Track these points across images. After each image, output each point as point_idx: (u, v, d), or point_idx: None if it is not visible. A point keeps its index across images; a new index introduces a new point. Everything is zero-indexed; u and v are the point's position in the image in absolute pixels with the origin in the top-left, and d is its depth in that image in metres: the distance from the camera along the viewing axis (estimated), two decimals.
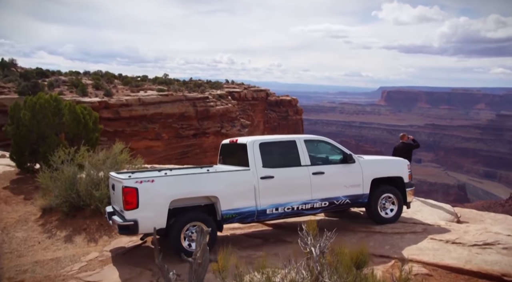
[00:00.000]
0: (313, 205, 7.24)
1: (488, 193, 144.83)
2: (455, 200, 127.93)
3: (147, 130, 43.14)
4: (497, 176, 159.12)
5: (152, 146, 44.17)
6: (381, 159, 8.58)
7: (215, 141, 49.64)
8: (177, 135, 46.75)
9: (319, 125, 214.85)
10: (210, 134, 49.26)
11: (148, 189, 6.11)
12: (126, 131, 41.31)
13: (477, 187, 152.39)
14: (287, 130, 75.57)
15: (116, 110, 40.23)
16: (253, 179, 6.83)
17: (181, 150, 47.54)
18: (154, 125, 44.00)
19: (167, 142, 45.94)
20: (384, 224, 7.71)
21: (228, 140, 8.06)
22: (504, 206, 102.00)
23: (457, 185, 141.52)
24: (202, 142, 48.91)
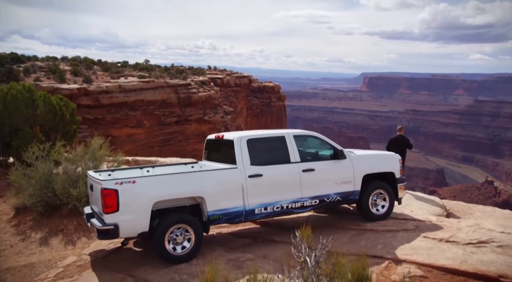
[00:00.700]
0: (303, 204, 6.97)
1: (466, 176, 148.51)
2: (434, 184, 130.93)
3: (128, 117, 42.23)
4: (474, 160, 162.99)
5: (133, 134, 43.34)
6: (373, 154, 8.30)
7: (198, 128, 49.10)
8: (159, 122, 45.95)
9: (302, 111, 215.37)
10: (192, 121, 48.60)
11: (129, 190, 5.72)
12: (107, 118, 40.35)
13: (455, 171, 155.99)
14: (270, 117, 75.31)
15: (96, 98, 39.19)
16: (241, 177, 6.50)
17: (163, 137, 46.81)
18: (136, 113, 43.09)
19: (149, 129, 45.13)
20: (375, 221, 7.50)
21: (214, 135, 7.62)
22: (480, 189, 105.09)
23: (436, 169, 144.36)
24: (184, 129, 48.24)
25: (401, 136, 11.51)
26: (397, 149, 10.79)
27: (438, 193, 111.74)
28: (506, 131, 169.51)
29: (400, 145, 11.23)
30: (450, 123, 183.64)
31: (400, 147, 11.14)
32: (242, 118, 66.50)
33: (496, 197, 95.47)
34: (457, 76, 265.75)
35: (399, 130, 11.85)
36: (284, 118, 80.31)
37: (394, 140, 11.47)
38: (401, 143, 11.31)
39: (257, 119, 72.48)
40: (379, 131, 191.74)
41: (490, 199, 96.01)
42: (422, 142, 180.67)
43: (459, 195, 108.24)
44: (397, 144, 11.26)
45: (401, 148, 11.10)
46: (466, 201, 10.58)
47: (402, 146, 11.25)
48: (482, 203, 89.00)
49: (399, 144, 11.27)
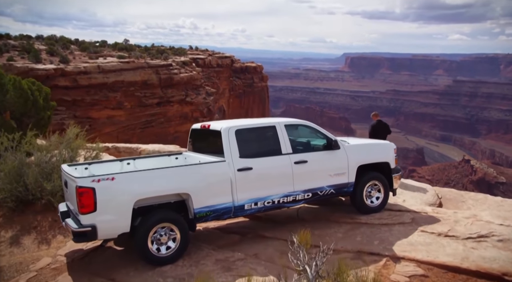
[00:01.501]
0: (296, 197, 6.60)
1: (444, 155, 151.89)
2: (413, 163, 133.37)
3: (108, 99, 41.05)
4: (452, 139, 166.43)
5: (114, 115, 42.25)
6: (367, 144, 7.93)
7: (180, 110, 48.19)
8: (140, 104, 44.88)
9: (284, 92, 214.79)
10: (174, 103, 47.65)
11: (107, 188, 5.24)
12: (86, 100, 39.11)
13: (434, 150, 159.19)
14: (253, 97, 74.59)
15: (74, 78, 37.86)
16: (229, 171, 6.07)
17: (145, 119, 45.83)
18: (116, 94, 41.92)
19: (130, 111, 44.07)
20: (370, 213, 7.20)
21: (199, 125, 7.12)
22: (457, 168, 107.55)
23: (415, 149, 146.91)
24: (166, 111, 47.30)
25: (381, 123, 11.31)
26: (380, 136, 10.72)
27: (418, 171, 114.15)
28: (483, 111, 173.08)
29: (381, 132, 11.06)
30: (429, 104, 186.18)
31: (381, 134, 10.97)
32: (225, 99, 65.65)
33: (472, 175, 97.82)
34: (437, 57, 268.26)
35: (374, 116, 11.55)
36: (267, 99, 79.74)
37: (376, 127, 11.22)
38: (382, 130, 11.14)
39: (239, 100, 71.72)
40: (360, 111, 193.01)
41: (466, 177, 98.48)
42: (403, 122, 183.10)
43: (437, 174, 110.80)
44: (379, 131, 11.07)
45: (382, 135, 10.94)
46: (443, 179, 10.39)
47: (383, 132, 11.10)
48: (459, 181, 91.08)
49: (381, 130, 11.08)
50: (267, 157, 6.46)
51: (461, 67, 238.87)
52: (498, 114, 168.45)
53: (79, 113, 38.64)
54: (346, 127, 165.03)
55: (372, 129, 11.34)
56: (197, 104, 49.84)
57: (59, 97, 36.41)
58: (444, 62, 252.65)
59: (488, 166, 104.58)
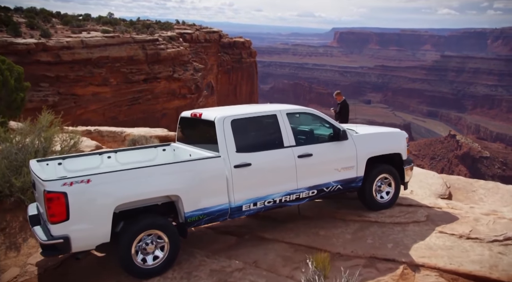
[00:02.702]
0: (299, 195, 5.93)
1: (430, 131, 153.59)
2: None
3: (93, 75, 39.66)
4: (438, 115, 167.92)
5: (99, 92, 40.91)
6: (378, 133, 7.15)
7: (167, 86, 46.92)
8: (126, 80, 43.51)
9: (273, 67, 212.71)
10: (161, 79, 46.36)
11: (82, 192, 4.49)
12: (70, 76, 37.68)
13: (421, 126, 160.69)
14: (241, 73, 73.29)
15: (57, 54, 36.32)
16: (225, 168, 5.36)
17: (131, 95, 44.55)
18: (101, 70, 40.51)
19: (116, 88, 42.74)
20: (379, 210, 6.59)
21: (190, 113, 6.33)
22: (443, 143, 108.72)
23: (403, 124, 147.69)
24: (153, 87, 46.03)
25: (346, 103, 10.82)
26: (343, 117, 10.39)
27: None
28: (469, 86, 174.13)
29: (344, 112, 10.53)
30: (417, 79, 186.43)
31: (345, 115, 10.61)
32: (213, 75, 64.28)
33: (458, 149, 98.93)
34: (425, 32, 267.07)
35: (338, 96, 10.96)
36: (255, 74, 78.52)
37: (344, 107, 10.61)
38: (346, 110, 10.61)
39: (228, 76, 70.44)
40: (349, 87, 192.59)
41: (452, 152, 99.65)
42: (390, 97, 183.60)
43: (424, 149, 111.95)
44: (345, 111, 10.52)
45: (345, 116, 10.57)
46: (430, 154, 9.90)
47: (346, 113, 10.57)
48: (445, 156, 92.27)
49: (344, 110, 10.51)
50: (267, 150, 5.75)
51: (449, 42, 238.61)
52: (484, 89, 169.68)
53: (63, 90, 37.33)
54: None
55: (341, 109, 10.65)
56: (185, 80, 48.61)
57: (42, 73, 35.07)
58: (432, 37, 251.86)
59: (473, 140, 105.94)
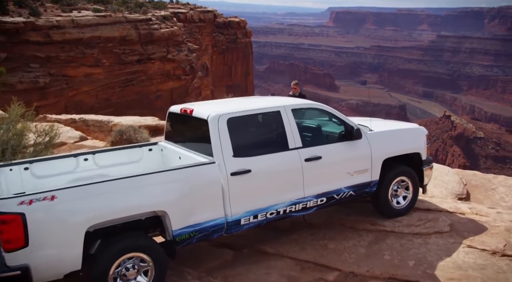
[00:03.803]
0: (306, 204, 5.28)
1: (425, 111, 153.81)
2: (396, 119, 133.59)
3: (85, 56, 39.00)
4: (434, 95, 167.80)
5: (92, 73, 40.28)
6: (395, 130, 6.34)
7: (162, 67, 46.25)
8: (119, 61, 42.81)
9: (268, 48, 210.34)
10: (155, 60, 45.65)
11: (45, 212, 3.77)
12: (61, 57, 37.02)
13: (416, 107, 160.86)
14: (236, 54, 72.33)
15: (47, 33, 35.60)
16: (220, 176, 4.65)
17: (125, 77, 43.93)
18: (93, 51, 39.81)
19: (109, 69, 42.07)
20: (395, 217, 6.00)
21: (179, 108, 5.52)
22: (438, 124, 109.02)
23: (398, 105, 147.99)
24: (147, 68, 45.35)
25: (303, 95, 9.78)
26: None
27: None
28: (465, 67, 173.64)
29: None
30: (413, 60, 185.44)
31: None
32: (208, 56, 63.36)
33: (452, 130, 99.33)
34: (422, 11, 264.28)
35: (295, 87, 9.96)
36: (251, 55, 77.60)
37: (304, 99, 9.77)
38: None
39: (223, 57, 69.56)
40: (344, 68, 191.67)
41: (446, 133, 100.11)
42: (386, 78, 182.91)
43: None
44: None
45: None
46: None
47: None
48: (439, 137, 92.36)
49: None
50: (269, 154, 5.04)
51: (446, 22, 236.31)
52: (479, 70, 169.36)
53: (54, 71, 36.72)
54: (330, 84, 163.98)
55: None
56: (179, 61, 47.88)
57: (32, 53, 34.46)
58: (429, 17, 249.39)
59: (468, 121, 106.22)
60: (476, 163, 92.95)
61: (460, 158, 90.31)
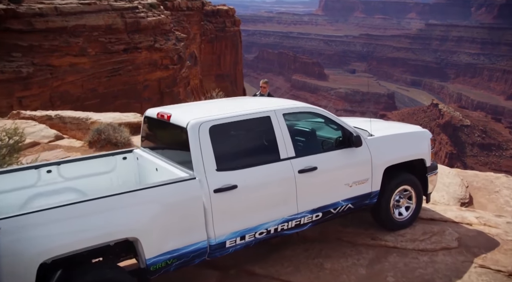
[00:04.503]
0: (300, 221, 4.78)
1: (413, 100, 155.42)
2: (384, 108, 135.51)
3: (69, 45, 37.99)
4: (422, 83, 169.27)
5: (77, 63, 39.31)
6: (397, 135, 5.79)
7: (149, 57, 45.36)
8: (105, 50, 41.82)
9: (257, 36, 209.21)
10: (142, 49, 44.73)
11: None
12: (44, 46, 36.02)
13: (404, 95, 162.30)
14: (225, 43, 71.48)
15: (29, 21, 34.62)
16: (202, 193, 4.13)
17: (111, 66, 43.00)
18: (78, 40, 38.77)
19: (95, 58, 41.09)
20: (397, 229, 5.55)
21: (156, 112, 4.93)
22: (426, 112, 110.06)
23: (387, 94, 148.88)
24: (134, 58, 44.45)
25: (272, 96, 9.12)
26: None
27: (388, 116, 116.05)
28: (452, 55, 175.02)
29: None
30: (401, 48, 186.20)
31: None
32: (196, 45, 62.43)
33: (440, 118, 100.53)
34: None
35: (265, 86, 9.16)
36: (240, 44, 76.81)
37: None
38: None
39: (211, 46, 68.70)
40: (333, 56, 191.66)
41: (434, 121, 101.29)
42: (375, 66, 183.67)
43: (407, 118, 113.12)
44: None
45: None
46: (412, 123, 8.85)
47: None
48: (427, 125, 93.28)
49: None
50: (258, 166, 4.50)
51: (434, 10, 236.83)
52: (466, 58, 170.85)
53: (37, 61, 35.81)
54: (319, 72, 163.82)
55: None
56: (167, 50, 47.04)
57: (14, 42, 33.56)
58: (417, 5, 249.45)
59: (455, 109, 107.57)
60: (462, 151, 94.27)
61: (447, 145, 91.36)
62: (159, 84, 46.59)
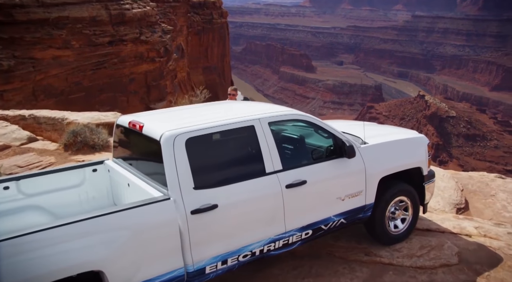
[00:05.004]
0: (288, 240, 4.37)
1: (400, 91, 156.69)
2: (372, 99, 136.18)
3: (52, 37, 37.04)
4: (408, 75, 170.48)
5: (60, 56, 38.36)
6: (392, 141, 5.31)
7: (135, 49, 44.54)
8: (89, 43, 40.88)
9: (244, 28, 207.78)
10: (128, 41, 43.87)
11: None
12: (26, 38, 35.05)
13: (391, 87, 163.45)
14: (212, 35, 70.74)
15: (9, 12, 33.67)
16: (177, 216, 3.66)
17: (96, 59, 42.07)
18: (61, 32, 37.82)
19: (79, 51, 40.14)
20: (392, 244, 5.17)
21: (128, 120, 4.42)
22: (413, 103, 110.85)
23: (374, 85, 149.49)
24: (119, 51, 43.59)
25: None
26: None
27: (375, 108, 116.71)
28: (438, 47, 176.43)
29: None
30: (388, 40, 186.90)
31: None
32: (183, 37, 61.57)
33: (426, 110, 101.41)
34: None
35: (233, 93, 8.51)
36: (227, 36, 76.12)
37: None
38: None
39: (198, 38, 67.94)
40: (321, 48, 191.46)
41: (421, 112, 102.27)
42: (362, 58, 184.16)
43: (394, 109, 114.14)
44: None
45: None
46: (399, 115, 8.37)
47: None
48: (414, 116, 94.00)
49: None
50: (241, 181, 4.04)
51: (420, 2, 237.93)
52: (452, 49, 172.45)
53: (19, 54, 34.89)
54: (307, 64, 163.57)
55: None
56: (153, 43, 46.25)
57: None
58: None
59: (441, 100, 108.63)
60: (448, 141, 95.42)
61: (433, 136, 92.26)
62: (146, 77, 45.84)
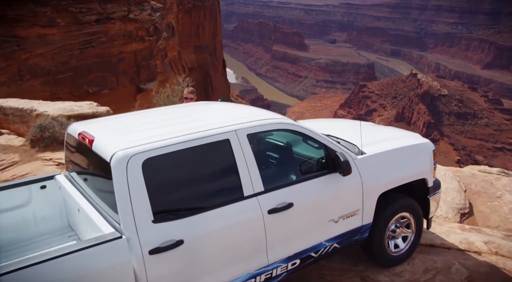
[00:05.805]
0: (271, 273, 3.66)
1: (393, 70, 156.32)
2: (364, 78, 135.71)
3: (36, 15, 35.88)
4: (401, 53, 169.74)
5: (46, 34, 37.24)
6: (394, 150, 4.43)
7: (123, 28, 43.38)
8: (76, 21, 39.72)
9: (236, 5, 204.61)
10: (116, 20, 42.68)
11: None
12: (8, 15, 33.90)
13: (384, 65, 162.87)
14: (203, 12, 69.39)
15: None
16: (131, 257, 2.93)
17: (83, 38, 40.91)
18: (45, 9, 36.62)
19: (65, 29, 38.97)
20: (392, 266, 4.48)
21: (78, 131, 3.64)
22: (405, 82, 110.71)
23: (366, 64, 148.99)
24: (107, 29, 42.40)
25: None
26: None
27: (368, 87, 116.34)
28: (431, 25, 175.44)
29: None
30: (381, 17, 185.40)
31: None
32: (173, 15, 60.16)
33: (418, 88, 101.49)
34: None
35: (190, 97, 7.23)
36: (218, 13, 74.77)
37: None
38: None
39: (189, 16, 66.60)
40: (314, 26, 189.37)
41: (413, 91, 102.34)
42: (355, 36, 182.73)
43: (386, 88, 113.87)
44: None
45: None
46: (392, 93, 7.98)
47: None
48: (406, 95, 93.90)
49: None
50: (213, 209, 3.29)
51: None
52: (445, 27, 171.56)
53: (2, 31, 33.75)
54: (299, 43, 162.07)
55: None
56: (142, 21, 45.07)
57: None
58: None
59: (433, 79, 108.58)
60: (440, 120, 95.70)
61: (425, 115, 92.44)
62: (135, 56, 44.82)
